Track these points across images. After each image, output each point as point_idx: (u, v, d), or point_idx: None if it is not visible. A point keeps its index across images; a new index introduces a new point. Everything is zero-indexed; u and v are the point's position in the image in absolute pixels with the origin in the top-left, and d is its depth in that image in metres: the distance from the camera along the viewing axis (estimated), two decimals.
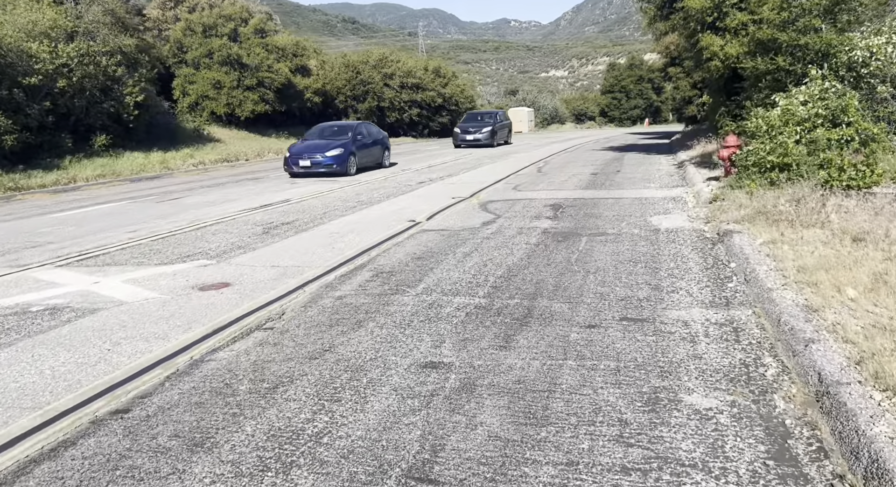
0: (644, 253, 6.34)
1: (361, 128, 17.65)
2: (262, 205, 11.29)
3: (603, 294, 5.03)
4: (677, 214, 8.55)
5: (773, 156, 8.37)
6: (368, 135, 17.70)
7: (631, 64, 73.53)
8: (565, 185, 12.46)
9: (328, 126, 18.37)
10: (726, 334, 4.01)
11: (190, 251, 7.41)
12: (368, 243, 7.40)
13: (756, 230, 6.41)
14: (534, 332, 4.21)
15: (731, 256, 5.94)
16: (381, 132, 19.01)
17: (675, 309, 4.55)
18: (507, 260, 6.30)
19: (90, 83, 17.05)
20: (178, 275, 6.18)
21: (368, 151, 17.40)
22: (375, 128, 19.02)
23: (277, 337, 4.33)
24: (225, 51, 26.36)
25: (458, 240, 7.47)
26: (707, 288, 5.04)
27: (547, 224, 8.23)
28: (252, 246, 7.59)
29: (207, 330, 4.46)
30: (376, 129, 18.93)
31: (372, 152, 17.69)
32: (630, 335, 4.08)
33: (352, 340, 4.19)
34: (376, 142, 18.16)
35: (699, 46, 15.15)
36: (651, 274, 5.54)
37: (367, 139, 17.54)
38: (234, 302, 5.18)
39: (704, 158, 14.28)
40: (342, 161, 15.90)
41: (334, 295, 5.31)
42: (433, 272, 5.97)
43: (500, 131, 29.15)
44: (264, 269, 6.31)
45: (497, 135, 28.23)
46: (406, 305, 4.93)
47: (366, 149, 17.27)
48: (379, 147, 18.24)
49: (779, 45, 10.01)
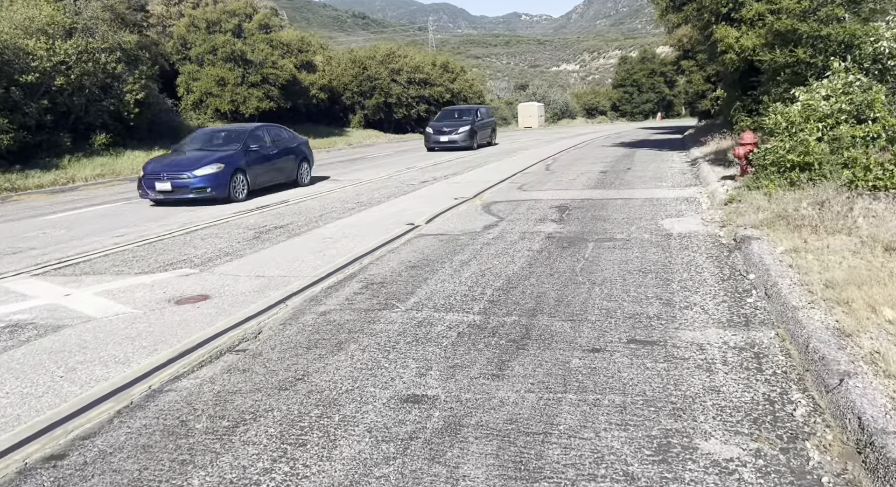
0: (655, 262, 5.89)
1: (261, 133, 12.99)
2: (258, 207, 10.93)
3: (609, 310, 4.59)
4: (690, 217, 8.08)
5: (794, 154, 7.86)
6: (273, 144, 13.06)
7: (643, 57, 72.56)
8: (573, 185, 12.00)
9: (213, 132, 13.40)
10: (747, 361, 3.57)
11: (174, 258, 7.04)
12: (362, 250, 7.00)
13: (776, 236, 5.94)
14: (531, 357, 3.78)
15: (749, 266, 5.48)
16: (295, 138, 14.20)
17: (688, 330, 4.11)
18: (507, 270, 5.87)
19: (89, 81, 16.76)
20: (156, 287, 5.80)
21: (272, 165, 12.83)
22: (288, 132, 14.23)
23: (248, 361, 3.93)
24: (229, 47, 26.02)
25: (456, 245, 7.05)
26: (724, 304, 4.59)
27: (552, 228, 7.78)
28: (240, 252, 7.21)
29: (174, 353, 4.07)
30: (288, 134, 14.07)
31: (279, 166, 13.09)
32: (638, 361, 3.65)
33: (329, 366, 3.79)
34: (286, 151, 13.42)
35: (713, 38, 14.59)
36: (662, 287, 5.10)
37: (270, 149, 12.87)
38: (210, 318, 4.80)
39: (719, 155, 13.74)
40: (220, 182, 11.25)
41: (318, 311, 4.91)
42: (427, 283, 5.56)
43: (482, 130, 25.29)
44: (248, 280, 5.93)
45: (478, 135, 24.29)
46: (393, 323, 4.52)
47: (267, 162, 12.66)
48: (291, 158, 13.48)
49: (799, 36, 9.47)
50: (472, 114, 25.03)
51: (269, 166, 12.82)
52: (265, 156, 12.68)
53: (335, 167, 18.96)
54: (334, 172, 17.33)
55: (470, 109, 25.99)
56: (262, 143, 12.74)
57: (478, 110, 26.05)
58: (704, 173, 11.86)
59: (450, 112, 26.59)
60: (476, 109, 25.88)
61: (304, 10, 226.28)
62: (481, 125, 25.21)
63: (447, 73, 44.69)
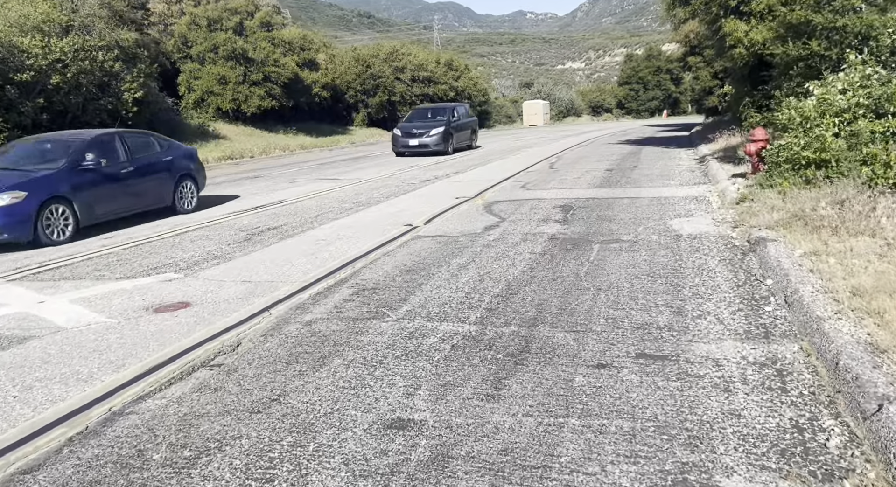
0: (664, 266, 5.53)
1: (109, 143, 9.41)
2: (253, 207, 10.61)
3: (616, 319, 4.25)
4: (700, 217, 7.72)
5: (809, 151, 7.48)
6: (130, 159, 9.53)
7: (648, 54, 71.97)
8: (578, 183, 11.64)
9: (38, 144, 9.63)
10: (769, 380, 3.22)
11: (159, 262, 6.73)
12: (356, 252, 6.67)
13: (793, 238, 5.58)
14: (530, 374, 3.45)
15: (765, 270, 5.12)
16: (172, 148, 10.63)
17: (702, 342, 3.76)
18: (507, 274, 5.53)
19: (86, 79, 16.47)
20: (136, 293, 5.49)
21: (125, 188, 9.32)
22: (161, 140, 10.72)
23: (222, 378, 3.61)
24: (230, 45, 25.73)
25: (455, 248, 6.71)
26: (740, 313, 4.24)
27: (555, 229, 7.43)
28: (229, 255, 6.89)
29: (143, 369, 3.75)
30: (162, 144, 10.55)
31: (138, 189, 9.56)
32: (649, 379, 3.30)
33: (308, 385, 3.46)
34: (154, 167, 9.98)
35: (721, 33, 14.20)
36: (673, 293, 4.75)
37: (123, 166, 9.34)
38: (187, 328, 4.48)
39: (728, 152, 13.35)
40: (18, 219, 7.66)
41: (303, 320, 4.58)
42: (421, 289, 5.22)
43: (460, 132, 21.89)
44: (233, 285, 5.61)
45: (454, 137, 20.89)
46: (383, 334, 4.19)
47: (117, 184, 9.18)
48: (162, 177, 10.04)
49: (813, 27, 9.08)
50: (448, 113, 21.53)
51: (121, 190, 9.22)
52: (112, 175, 9.04)
53: (336, 166, 18.65)
54: (335, 171, 17.02)
55: (444, 108, 22.48)
56: (109, 158, 9.02)
57: (454, 109, 22.40)
58: (713, 171, 11.48)
59: (422, 111, 23.18)
60: (452, 108, 22.40)
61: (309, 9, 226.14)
62: (458, 126, 21.86)
63: (451, 70, 44.32)
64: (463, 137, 22.44)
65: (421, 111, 23.41)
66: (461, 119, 22.53)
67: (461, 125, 22.35)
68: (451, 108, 22.39)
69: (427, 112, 22.79)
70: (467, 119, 23.46)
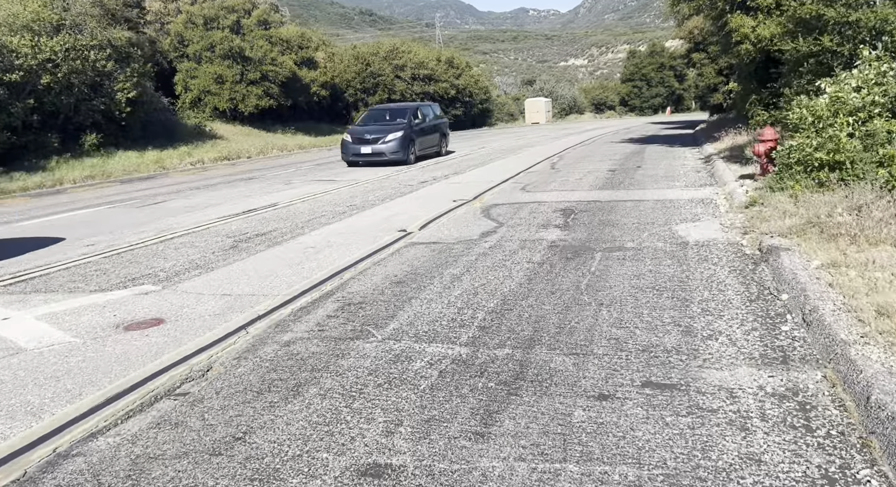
0: (670, 277, 5.19)
1: None
2: (244, 211, 10.29)
3: (619, 340, 3.91)
4: (708, 222, 7.36)
5: (822, 152, 7.12)
6: None
7: (652, 51, 71.53)
8: (580, 185, 11.28)
9: None
10: (791, 416, 2.88)
11: (139, 272, 6.40)
12: (345, 261, 6.34)
13: (809, 247, 5.23)
14: (525, 407, 3.11)
15: (780, 283, 4.77)
16: None
17: (714, 368, 3.42)
18: (503, 287, 5.19)
19: (78, 79, 16.17)
20: (108, 308, 5.17)
21: None
22: None
23: (185, 411, 3.28)
24: (227, 44, 25.39)
25: (449, 256, 6.38)
26: (754, 333, 3.89)
27: (555, 235, 7.09)
28: (212, 265, 6.57)
29: (100, 399, 3.42)
30: None
31: None
32: (656, 414, 2.96)
33: (278, 419, 3.12)
34: None
35: (727, 28, 13.84)
36: (680, 309, 4.40)
37: None
38: (156, 350, 4.15)
39: (735, 152, 12.98)
40: None
41: (281, 341, 4.25)
42: (411, 304, 4.89)
43: (425, 136, 18.74)
44: (212, 299, 5.28)
45: (416, 143, 17.85)
46: (365, 358, 3.86)
47: None
48: None
49: (824, 22, 8.71)
50: (409, 114, 18.44)
51: None
52: None
53: (334, 166, 18.32)
54: (332, 172, 16.70)
55: (406, 109, 19.36)
56: None
57: (418, 110, 19.28)
58: (720, 171, 11.12)
59: (378, 112, 19.78)
60: (415, 108, 19.29)
61: (311, 7, 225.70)
62: (423, 129, 18.66)
63: (452, 68, 43.95)
64: (429, 142, 19.23)
65: (377, 112, 19.93)
66: (427, 121, 19.30)
67: (426, 128, 19.10)
68: (414, 109, 19.33)
69: (385, 113, 19.47)
70: (435, 121, 20.13)
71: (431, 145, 19.46)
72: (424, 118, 19.26)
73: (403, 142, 17.22)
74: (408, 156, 17.37)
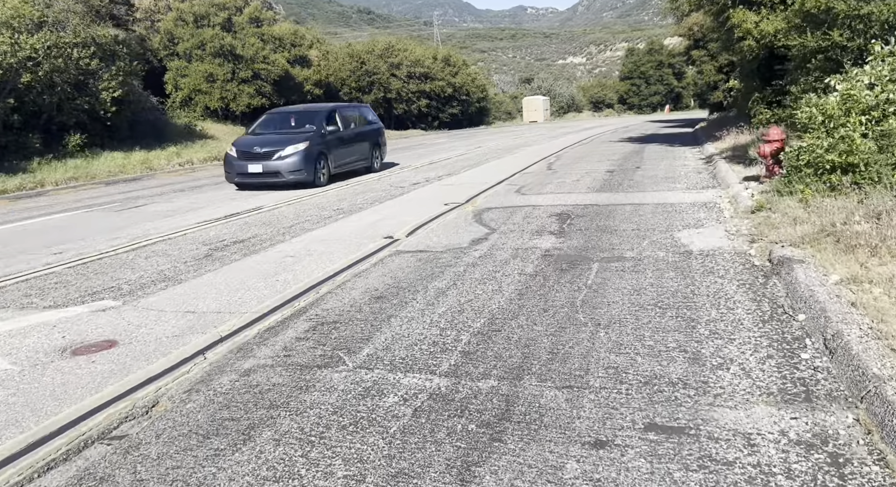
0: (674, 292, 4.75)
1: None
2: (226, 216, 9.84)
3: (618, 370, 3.47)
4: (712, 228, 6.93)
5: (834, 154, 6.69)
6: None
7: (650, 49, 71.12)
8: (577, 187, 10.84)
9: None
10: (822, 472, 2.44)
11: (102, 285, 5.95)
12: (323, 273, 5.89)
13: (824, 259, 4.79)
14: (509, 457, 2.67)
15: (795, 300, 4.33)
16: None
17: (727, 407, 2.98)
18: (492, 303, 4.75)
19: (60, 78, 15.69)
20: (59, 328, 4.72)
21: None
22: None
23: (117, 460, 2.84)
24: (217, 41, 24.89)
25: (436, 266, 5.94)
26: (770, 362, 3.45)
27: (550, 243, 6.65)
28: (181, 276, 6.12)
29: (20, 446, 2.97)
30: None
31: None
32: (662, 467, 2.52)
33: (222, 473, 2.68)
34: None
35: (729, 24, 13.38)
36: (686, 331, 3.97)
37: None
38: (101, 379, 3.71)
39: (737, 152, 12.55)
40: None
41: (241, 368, 3.81)
42: (390, 323, 4.45)
43: (346, 148, 14.24)
44: (174, 317, 4.84)
45: (330, 157, 13.42)
46: (332, 391, 3.42)
47: None
48: None
49: (834, 16, 8.28)
50: (321, 119, 13.69)
51: None
52: None
53: None
54: None
55: (317, 112, 14.27)
56: None
57: (335, 112, 14.36)
58: (723, 173, 10.68)
59: (281, 116, 14.69)
60: (330, 111, 14.32)
61: (308, 5, 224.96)
62: (342, 139, 14.08)
63: (448, 66, 43.48)
64: (353, 155, 14.57)
65: (280, 116, 14.80)
66: (350, 127, 14.68)
67: (348, 137, 14.41)
68: (329, 112, 14.26)
69: (289, 117, 14.43)
70: (362, 127, 15.33)
71: (357, 158, 14.77)
72: (346, 123, 14.53)
73: (308, 157, 12.64)
74: (315, 176, 12.81)
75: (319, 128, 13.52)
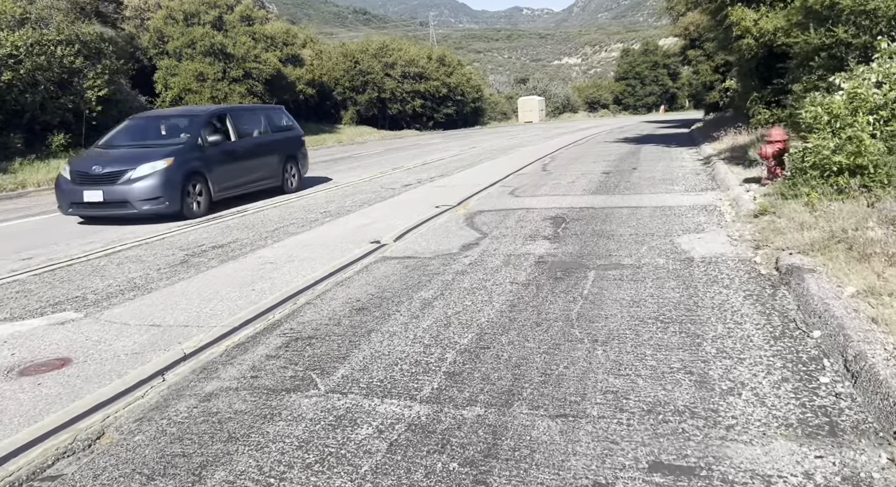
0: (676, 304, 4.41)
1: None
2: (207, 218, 9.47)
3: (618, 394, 3.13)
4: (713, 232, 6.60)
5: (842, 155, 6.37)
6: None
7: (645, 49, 70.96)
8: (572, 189, 10.51)
9: None
10: None
11: (66, 294, 5.59)
12: (303, 282, 5.54)
13: (837, 268, 4.47)
14: None
15: (807, 314, 4.00)
16: None
17: (742, 442, 2.64)
18: (481, 316, 4.41)
19: (43, 76, 15.27)
20: (10, 344, 4.35)
21: None
22: None
23: None
24: (208, 40, 24.47)
25: (423, 275, 5.59)
26: (786, 386, 3.12)
27: (544, 248, 6.31)
28: (152, 285, 5.76)
29: None
30: None
31: None
32: None
33: None
34: None
35: (727, 23, 13.11)
36: (691, 350, 3.63)
37: None
38: (45, 405, 3.34)
39: (736, 153, 12.25)
40: None
41: (202, 393, 3.45)
42: (370, 339, 4.10)
43: (239, 163, 10.77)
44: (137, 331, 4.47)
45: (211, 177, 10.00)
46: (299, 421, 3.06)
47: None
48: None
49: (838, 11, 7.97)
50: (198, 127, 10.19)
51: None
52: None
53: (315, 168, 17.49)
54: (313, 174, 15.86)
55: (196, 116, 10.61)
56: None
57: (222, 116, 10.87)
58: (722, 174, 10.37)
59: (146, 122, 11.15)
60: (215, 115, 10.85)
61: (305, 6, 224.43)
62: (233, 153, 10.64)
63: (443, 66, 43.13)
64: (250, 173, 10.90)
65: (145, 122, 11.14)
66: (247, 136, 11.05)
67: (244, 149, 10.82)
68: (211, 116, 10.63)
69: (158, 124, 10.77)
70: (270, 135, 11.67)
71: (259, 177, 11.08)
72: (241, 131, 10.83)
73: (171, 180, 9.19)
74: (184, 205, 9.36)
75: (195, 139, 9.91)
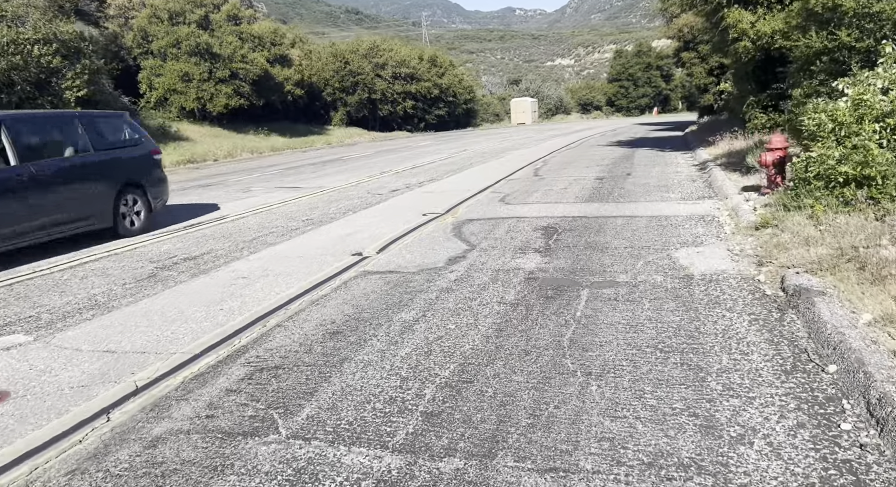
0: (676, 330, 4.07)
1: None
2: (185, 226, 9.07)
3: (615, 442, 2.78)
4: (713, 246, 6.26)
5: (848, 165, 6.06)
6: None
7: (639, 51, 70.83)
8: (564, 196, 10.17)
9: None
10: None
11: (18, 313, 5.19)
12: (277, 299, 5.17)
13: (849, 290, 4.14)
14: None
15: (821, 345, 3.66)
16: None
17: None
18: (465, 343, 4.05)
19: (19, 76, 14.80)
20: None
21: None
22: None
23: None
24: (193, 40, 24.00)
25: (405, 292, 5.23)
26: (803, 433, 2.77)
27: (534, 263, 5.96)
28: (113, 303, 5.36)
29: None
30: None
31: None
32: None
33: None
34: None
35: (723, 25, 12.82)
36: (694, 386, 3.28)
37: None
38: None
39: (732, 159, 11.96)
40: None
41: (149, 437, 3.08)
42: (342, 370, 3.73)
43: (18, 202, 6.88)
44: (88, 358, 4.09)
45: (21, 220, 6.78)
46: (253, 474, 2.69)
47: None
48: None
49: (841, 14, 7.67)
50: None
51: None
52: None
53: (302, 171, 17.12)
54: (298, 178, 15.50)
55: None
56: None
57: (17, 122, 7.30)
58: (719, 181, 10.05)
59: None
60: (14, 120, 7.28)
61: (296, 5, 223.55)
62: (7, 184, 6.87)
63: (435, 67, 42.78)
64: (47, 213, 7.33)
65: None
66: (49, 156, 7.60)
67: (41, 178, 7.29)
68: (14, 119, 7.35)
69: None
70: (90, 157, 8.10)
71: (65, 219, 7.64)
72: (35, 150, 7.47)
73: None
74: None
75: None
